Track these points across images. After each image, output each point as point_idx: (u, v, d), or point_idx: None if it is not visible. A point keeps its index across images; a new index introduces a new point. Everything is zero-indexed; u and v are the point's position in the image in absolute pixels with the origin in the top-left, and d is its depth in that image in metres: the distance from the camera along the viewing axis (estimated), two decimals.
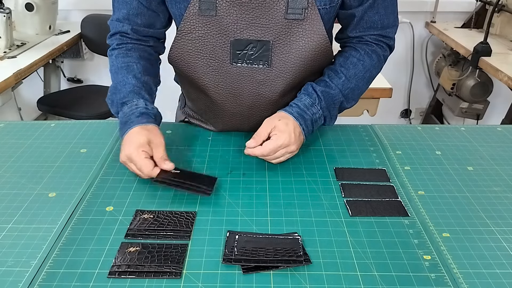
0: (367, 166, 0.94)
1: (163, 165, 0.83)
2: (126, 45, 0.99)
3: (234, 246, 0.70)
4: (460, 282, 0.65)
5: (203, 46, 0.93)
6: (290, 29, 0.90)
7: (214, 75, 0.96)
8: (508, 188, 0.88)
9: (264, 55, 0.93)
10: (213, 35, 0.91)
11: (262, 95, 0.98)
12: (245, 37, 0.91)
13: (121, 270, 0.66)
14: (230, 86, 0.97)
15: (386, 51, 1.02)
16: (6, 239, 0.72)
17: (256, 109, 1.00)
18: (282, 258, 0.68)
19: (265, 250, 0.69)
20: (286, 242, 0.71)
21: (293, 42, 0.91)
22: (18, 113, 2.69)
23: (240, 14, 0.89)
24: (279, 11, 0.88)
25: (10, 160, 0.93)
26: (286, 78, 0.95)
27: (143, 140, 0.84)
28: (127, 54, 0.98)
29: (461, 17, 2.77)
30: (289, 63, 0.93)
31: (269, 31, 0.90)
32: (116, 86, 0.95)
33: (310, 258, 0.69)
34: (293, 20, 0.89)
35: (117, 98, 0.94)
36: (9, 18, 2.12)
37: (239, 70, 0.95)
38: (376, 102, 2.07)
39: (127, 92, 0.93)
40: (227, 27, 0.90)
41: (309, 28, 0.90)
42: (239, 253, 0.69)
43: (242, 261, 0.67)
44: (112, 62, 0.99)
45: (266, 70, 0.94)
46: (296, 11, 0.88)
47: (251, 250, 0.69)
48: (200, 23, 0.91)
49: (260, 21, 0.90)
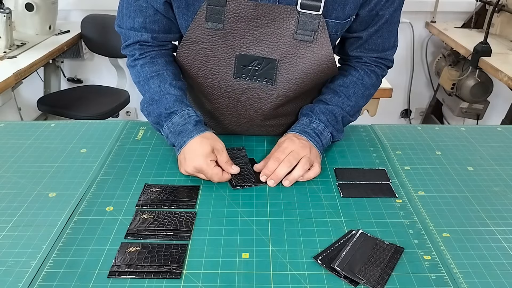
0: (367, 166, 0.94)
1: (230, 169, 0.86)
2: (149, 53, 0.96)
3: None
4: (460, 282, 0.65)
5: (207, 57, 0.92)
6: (297, 50, 0.89)
7: (216, 86, 0.96)
8: (508, 188, 0.88)
9: (269, 72, 0.92)
10: (218, 48, 0.90)
11: (262, 109, 0.98)
12: (251, 53, 0.90)
13: (121, 270, 0.66)
14: (231, 98, 0.97)
15: (384, 71, 1.03)
16: (6, 239, 0.72)
17: (256, 120, 1.01)
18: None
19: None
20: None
21: (299, 62, 0.90)
22: (18, 113, 2.69)
23: (248, 29, 0.88)
24: (289, 30, 0.87)
25: (10, 160, 0.93)
26: (288, 95, 0.95)
27: (208, 150, 0.85)
28: (153, 63, 0.96)
29: (461, 17, 2.77)
30: (293, 83, 0.93)
31: (276, 50, 0.89)
32: (153, 97, 0.93)
33: (310, 258, 0.69)
34: (302, 41, 0.88)
35: (159, 109, 0.92)
36: (9, 18, 2.12)
37: (242, 85, 0.94)
38: (376, 102, 2.07)
39: (172, 102, 0.91)
40: (233, 41, 0.89)
41: (317, 51, 0.89)
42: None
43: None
44: (137, 72, 0.97)
45: (269, 88, 0.94)
46: (305, 33, 0.87)
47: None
48: (206, 34, 0.89)
49: (268, 38, 0.88)
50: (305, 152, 0.87)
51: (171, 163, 0.93)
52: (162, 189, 0.84)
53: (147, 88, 0.95)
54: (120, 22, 0.96)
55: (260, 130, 1.04)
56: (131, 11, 0.92)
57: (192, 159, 0.85)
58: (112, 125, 1.08)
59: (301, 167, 0.86)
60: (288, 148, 0.88)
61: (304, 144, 0.89)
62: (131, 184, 0.86)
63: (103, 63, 2.86)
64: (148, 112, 0.95)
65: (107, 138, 1.02)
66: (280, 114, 1.01)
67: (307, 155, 0.87)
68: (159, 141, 1.01)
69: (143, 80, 0.96)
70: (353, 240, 0.72)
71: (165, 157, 0.95)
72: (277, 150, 0.89)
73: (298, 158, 0.87)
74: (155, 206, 0.80)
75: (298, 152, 0.87)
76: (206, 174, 0.84)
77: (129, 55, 0.98)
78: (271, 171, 0.86)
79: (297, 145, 0.88)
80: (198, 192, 0.84)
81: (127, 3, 0.92)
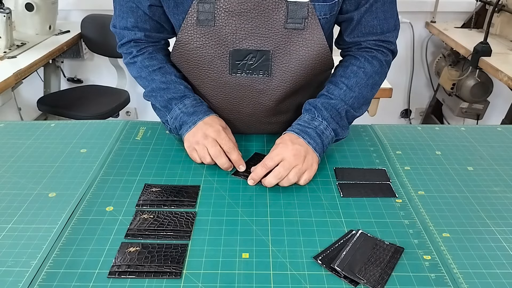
0: (367, 166, 0.94)
1: (239, 167, 0.90)
2: (147, 49, 0.99)
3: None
4: (460, 282, 0.65)
5: (202, 56, 0.92)
6: (290, 39, 0.89)
7: (213, 85, 0.96)
8: (508, 188, 0.88)
9: (264, 64, 0.92)
10: (212, 46, 0.91)
11: (261, 104, 0.97)
12: (245, 47, 0.90)
13: (121, 270, 0.66)
14: (229, 96, 0.97)
15: (387, 55, 0.98)
16: (6, 239, 0.72)
17: (255, 116, 1.00)
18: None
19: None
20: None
21: (293, 51, 0.90)
22: (18, 113, 2.69)
23: (239, 24, 0.88)
24: (279, 21, 0.87)
25: (10, 160, 0.93)
26: (286, 87, 0.94)
27: (224, 125, 0.93)
28: (152, 58, 0.99)
29: (461, 17, 2.77)
30: (289, 73, 0.92)
31: (269, 41, 0.89)
32: (160, 86, 0.96)
33: (310, 258, 0.69)
34: (293, 30, 0.88)
35: (169, 94, 0.96)
36: (9, 18, 2.12)
37: (239, 80, 0.94)
38: (376, 102, 2.07)
39: (182, 89, 0.97)
40: (226, 37, 0.89)
41: (309, 38, 0.89)
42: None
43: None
44: (138, 67, 0.99)
45: (266, 80, 0.94)
46: (296, 21, 0.87)
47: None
48: (198, 33, 0.90)
49: (259, 30, 0.88)
50: (297, 162, 0.85)
51: (171, 163, 0.93)
52: (162, 189, 0.84)
53: (151, 80, 0.98)
54: (114, 22, 0.99)
55: (260, 128, 1.04)
56: (123, 11, 0.95)
57: (207, 128, 0.90)
58: (112, 125, 1.08)
59: (287, 181, 0.84)
60: (280, 155, 0.85)
61: (298, 151, 0.86)
62: (131, 184, 0.86)
63: (103, 63, 2.86)
64: (155, 98, 0.97)
65: (107, 138, 1.02)
66: (280, 111, 1.01)
67: (299, 165, 0.85)
68: (159, 141, 1.01)
69: (146, 74, 0.98)
70: (353, 240, 0.72)
71: (165, 157, 0.95)
72: (267, 156, 0.87)
73: (289, 169, 0.84)
74: (155, 206, 0.80)
75: (290, 161, 0.84)
76: (222, 139, 0.89)
77: (126, 53, 1.00)
78: (259, 177, 0.85)
79: (290, 153, 0.85)
80: (198, 192, 0.84)
81: (119, 4, 0.95)
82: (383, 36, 0.95)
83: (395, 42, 0.98)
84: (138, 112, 3.11)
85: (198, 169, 0.91)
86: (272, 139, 0.97)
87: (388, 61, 0.98)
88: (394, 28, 0.96)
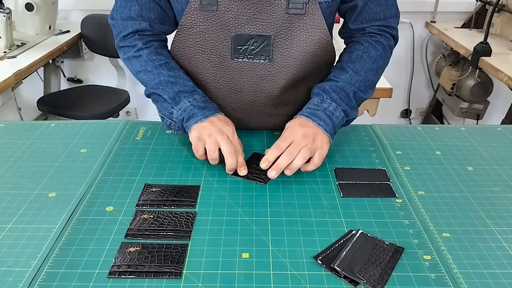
0: (367, 166, 0.94)
1: (241, 171, 0.88)
2: (153, 44, 0.98)
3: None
4: (460, 282, 0.65)
5: (204, 41, 0.93)
6: (291, 24, 0.90)
7: (215, 70, 0.97)
8: (508, 188, 0.88)
9: (265, 50, 0.93)
10: (214, 30, 0.92)
11: (263, 91, 0.98)
12: (246, 32, 0.91)
13: (121, 270, 0.66)
14: (231, 82, 0.97)
15: (390, 40, 1.01)
16: (6, 239, 0.72)
17: (257, 104, 1.00)
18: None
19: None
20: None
21: (294, 36, 0.91)
22: (18, 113, 2.70)
23: (241, 9, 0.89)
24: (280, 6, 0.89)
25: (10, 160, 0.93)
26: (287, 73, 0.95)
27: (235, 127, 0.92)
28: (158, 53, 0.98)
29: (461, 17, 2.77)
30: (290, 58, 0.93)
31: (270, 26, 0.91)
32: (169, 80, 0.95)
33: (310, 258, 0.69)
34: (294, 15, 0.89)
35: (179, 87, 0.95)
36: (9, 18, 2.12)
37: (240, 65, 0.95)
38: (376, 102, 2.07)
39: (192, 84, 0.97)
40: (228, 22, 0.90)
41: (310, 23, 0.90)
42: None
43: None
44: (143, 61, 0.97)
45: (267, 65, 0.94)
46: (297, 6, 0.88)
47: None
48: (201, 18, 0.91)
49: (261, 16, 0.90)
50: (307, 142, 0.86)
51: (171, 163, 0.93)
52: (162, 189, 0.84)
53: (158, 73, 0.96)
54: (114, 14, 0.98)
55: (261, 120, 1.04)
56: (126, 0, 0.94)
57: (222, 125, 0.89)
58: (112, 125, 1.08)
59: (301, 156, 0.85)
60: (290, 137, 0.87)
61: (307, 133, 0.87)
62: (131, 184, 0.86)
63: (103, 63, 2.86)
64: (163, 89, 0.96)
65: (107, 138, 1.02)
66: (281, 103, 1.01)
67: (309, 144, 0.86)
68: (159, 141, 1.01)
69: (152, 67, 0.96)
70: (353, 240, 0.72)
71: (165, 157, 0.95)
72: (279, 138, 0.88)
73: (299, 149, 0.86)
74: (155, 206, 0.80)
75: (300, 142, 0.86)
76: (234, 140, 0.88)
77: (130, 46, 0.98)
78: (273, 159, 0.86)
79: (299, 135, 0.87)
80: (198, 192, 0.84)
81: None
82: (386, 22, 0.98)
83: (396, 28, 1.02)
84: (138, 112, 3.11)
85: (198, 169, 0.92)
86: (272, 135, 0.97)
87: (390, 46, 1.01)
88: (395, 14, 1.00)
